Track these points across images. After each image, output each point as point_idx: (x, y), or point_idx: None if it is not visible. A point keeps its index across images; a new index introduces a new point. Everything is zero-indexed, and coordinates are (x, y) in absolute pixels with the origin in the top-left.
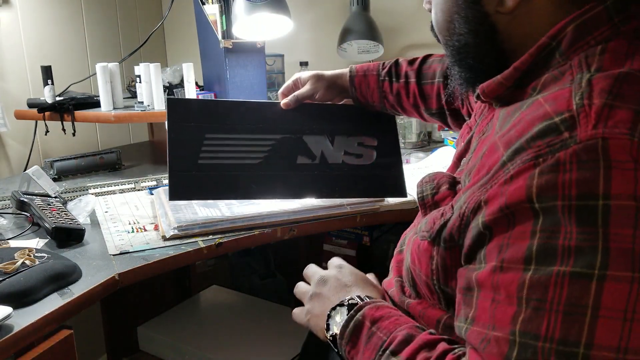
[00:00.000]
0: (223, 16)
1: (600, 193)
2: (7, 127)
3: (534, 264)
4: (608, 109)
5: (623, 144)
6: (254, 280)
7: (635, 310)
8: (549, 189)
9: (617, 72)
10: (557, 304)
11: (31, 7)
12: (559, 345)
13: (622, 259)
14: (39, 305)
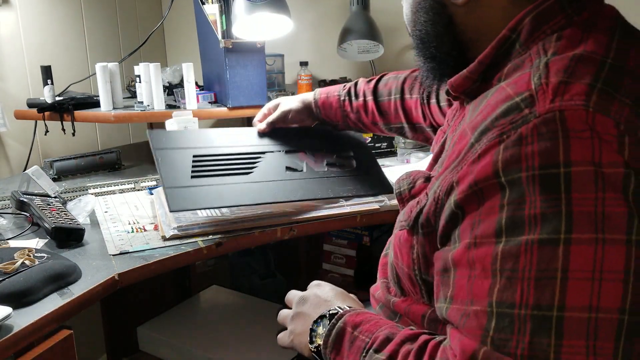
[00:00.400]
0: (223, 16)
1: (560, 161)
2: (7, 127)
3: (504, 236)
4: (564, 85)
5: (579, 114)
6: (254, 280)
7: (603, 270)
8: (513, 162)
9: (571, 54)
10: (529, 271)
11: (31, 7)
12: (533, 310)
13: (586, 221)
14: (39, 305)
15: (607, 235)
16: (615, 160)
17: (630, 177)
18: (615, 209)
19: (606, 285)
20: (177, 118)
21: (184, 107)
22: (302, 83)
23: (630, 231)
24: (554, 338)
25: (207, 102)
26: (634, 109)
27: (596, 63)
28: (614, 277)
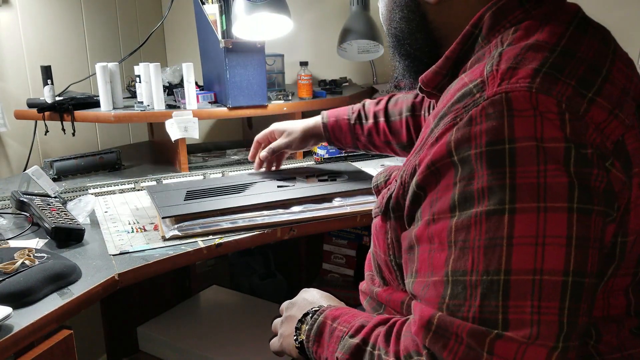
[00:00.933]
0: (223, 16)
1: (505, 137)
2: (7, 127)
3: (457, 211)
4: (512, 70)
5: (523, 94)
6: (254, 280)
7: (546, 235)
8: (463, 141)
9: (524, 44)
10: (479, 240)
11: (31, 7)
12: (482, 275)
13: (529, 192)
14: (39, 305)
15: (549, 203)
16: (556, 136)
17: (570, 150)
18: (557, 179)
19: (549, 249)
20: (177, 118)
21: (184, 107)
22: (302, 83)
23: (572, 199)
24: (502, 300)
25: (207, 102)
26: (577, 89)
27: (545, 50)
28: (557, 242)
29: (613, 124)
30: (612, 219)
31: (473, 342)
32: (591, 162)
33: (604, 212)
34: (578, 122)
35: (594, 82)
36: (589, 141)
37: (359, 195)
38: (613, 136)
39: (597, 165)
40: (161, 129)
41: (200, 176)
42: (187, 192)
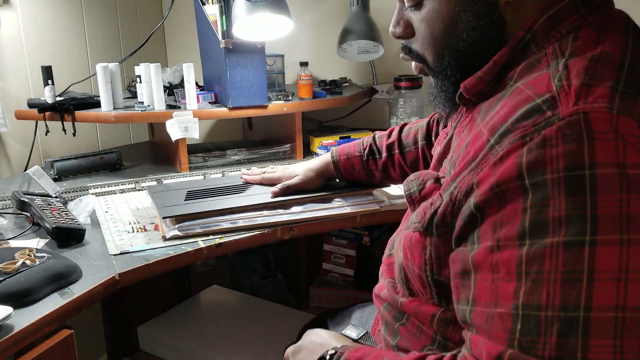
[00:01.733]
0: (223, 16)
1: (586, 163)
2: (8, 127)
3: (528, 239)
4: (586, 87)
5: (603, 116)
6: (254, 280)
7: (628, 270)
8: (538, 164)
9: (590, 55)
10: (555, 273)
11: (31, 7)
12: (559, 311)
13: (611, 223)
14: (40, 305)
15: (632, 235)
16: (638, 162)
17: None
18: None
19: (632, 285)
20: (178, 118)
21: (184, 107)
22: (302, 83)
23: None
24: (582, 338)
25: (207, 103)
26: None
27: (615, 65)
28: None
29: None
30: None
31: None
32: None
33: None
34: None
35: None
36: None
37: (359, 196)
38: None
39: None
40: (162, 129)
41: (201, 176)
42: (188, 192)
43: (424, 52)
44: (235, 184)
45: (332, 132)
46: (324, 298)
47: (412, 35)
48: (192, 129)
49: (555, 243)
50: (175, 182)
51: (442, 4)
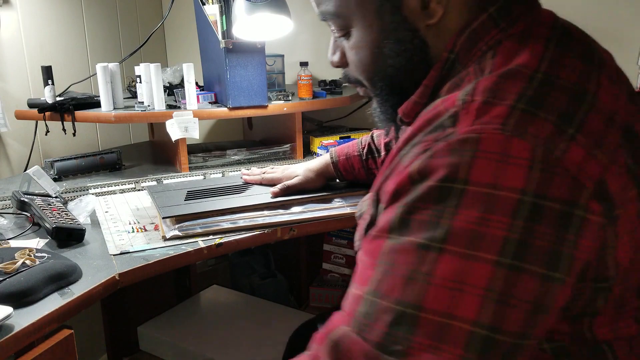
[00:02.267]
0: (223, 16)
1: (460, 178)
2: (8, 127)
3: (394, 233)
4: (486, 105)
5: (494, 137)
6: (254, 280)
7: (464, 282)
8: (423, 171)
9: (501, 71)
10: (401, 269)
11: (31, 7)
12: (395, 304)
13: (462, 236)
14: (40, 305)
15: (479, 253)
16: (514, 186)
17: (524, 203)
18: (495, 231)
19: (465, 297)
20: (178, 118)
21: (184, 107)
22: (302, 83)
23: (504, 254)
24: (407, 332)
25: (208, 103)
26: (557, 125)
27: (525, 78)
28: (475, 292)
29: (592, 164)
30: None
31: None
32: (541, 217)
33: (542, 275)
34: (547, 171)
35: (576, 113)
36: (552, 194)
37: (359, 196)
38: (594, 176)
39: (548, 222)
40: (161, 129)
41: (201, 176)
42: (188, 192)
43: (359, 79)
44: (235, 184)
45: (332, 132)
46: (324, 298)
47: (347, 63)
48: (192, 129)
49: (410, 242)
50: (175, 182)
51: (366, 32)
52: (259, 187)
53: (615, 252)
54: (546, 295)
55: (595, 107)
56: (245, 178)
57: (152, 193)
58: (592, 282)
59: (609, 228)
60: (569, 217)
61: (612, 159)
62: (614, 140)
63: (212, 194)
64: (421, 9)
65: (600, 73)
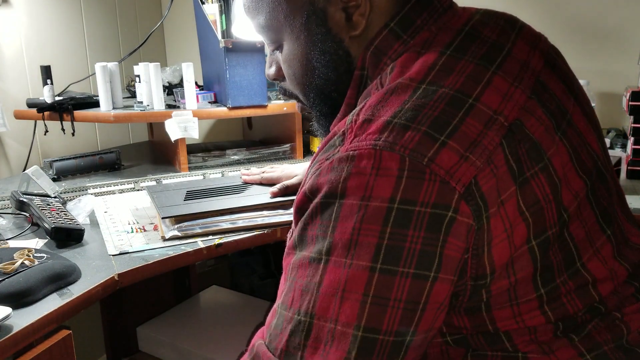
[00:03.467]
0: (223, 16)
1: (338, 193)
2: (7, 127)
3: (296, 250)
4: (366, 123)
5: (367, 153)
6: (254, 280)
7: (345, 289)
8: (312, 190)
9: (388, 87)
10: (299, 282)
11: (31, 7)
12: (295, 314)
13: (342, 247)
14: (38, 305)
15: (355, 260)
16: (382, 196)
17: (392, 210)
18: (367, 238)
19: (346, 302)
20: (177, 118)
21: (183, 107)
22: None
23: (376, 260)
24: (303, 339)
25: (207, 102)
26: (428, 133)
27: (408, 92)
28: (353, 297)
29: (463, 167)
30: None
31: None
32: (409, 221)
33: (413, 274)
34: (415, 178)
35: (450, 121)
36: (421, 198)
37: None
38: (464, 179)
39: (416, 225)
40: (161, 129)
41: (200, 176)
42: (187, 192)
43: (294, 92)
44: (235, 184)
45: None
46: None
47: (284, 77)
48: (192, 129)
49: (305, 257)
50: (174, 182)
51: (295, 44)
52: (258, 187)
53: (489, 251)
54: (421, 293)
55: (474, 110)
56: (245, 178)
57: (151, 193)
58: (471, 280)
59: (480, 228)
60: (437, 218)
61: (488, 159)
62: (493, 140)
63: (212, 194)
64: (345, 21)
65: (495, 72)
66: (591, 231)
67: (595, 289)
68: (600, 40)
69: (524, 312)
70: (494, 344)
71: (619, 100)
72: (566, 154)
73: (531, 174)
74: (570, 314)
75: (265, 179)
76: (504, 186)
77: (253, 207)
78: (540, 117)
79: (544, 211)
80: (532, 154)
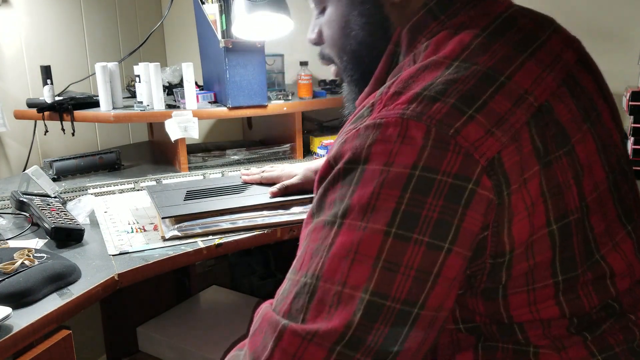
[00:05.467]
0: (223, 16)
1: (361, 159)
2: (7, 127)
3: (315, 217)
4: (397, 95)
5: (394, 121)
6: (254, 280)
7: (358, 252)
8: (337, 157)
9: (422, 63)
10: (311, 245)
11: (31, 7)
12: (302, 277)
13: (359, 211)
14: (38, 305)
15: (370, 224)
16: (405, 162)
17: (413, 177)
18: (385, 203)
19: (356, 265)
20: (177, 118)
21: (183, 107)
22: (302, 83)
23: (392, 224)
24: (307, 301)
25: (207, 102)
26: (456, 106)
27: (441, 68)
28: (364, 260)
29: (489, 142)
30: (448, 249)
31: (269, 330)
32: (430, 189)
33: (427, 243)
34: (439, 148)
35: (480, 96)
36: (443, 168)
37: None
38: (489, 153)
39: (436, 193)
40: (161, 129)
41: (200, 176)
42: (187, 192)
43: (330, 55)
44: (234, 184)
45: (332, 132)
46: None
47: (323, 40)
48: (192, 129)
49: (320, 221)
50: (174, 182)
51: (336, 6)
52: (258, 187)
53: (510, 228)
54: (433, 263)
55: (505, 88)
56: (245, 178)
57: (151, 193)
58: (490, 258)
59: (501, 204)
60: (458, 189)
61: (514, 137)
62: (520, 119)
63: (212, 194)
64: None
65: (528, 58)
66: (611, 225)
67: (613, 283)
68: (600, 40)
69: (539, 301)
70: (506, 335)
71: (619, 100)
72: (593, 144)
73: (555, 157)
74: (586, 311)
75: (265, 178)
76: (527, 165)
77: (253, 207)
78: (569, 105)
79: (565, 196)
80: (558, 138)
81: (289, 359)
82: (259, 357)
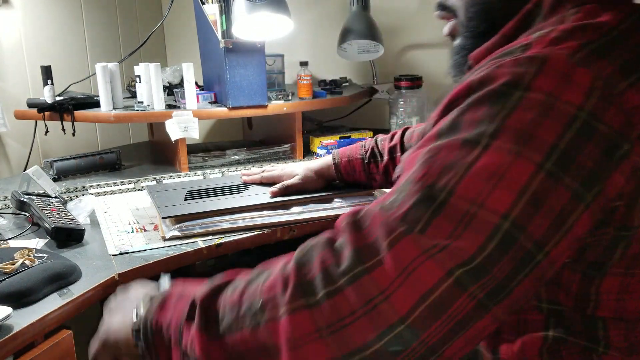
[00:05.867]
0: (223, 16)
1: (523, 84)
2: (7, 127)
3: (441, 138)
4: (558, 39)
5: (562, 58)
6: None
7: (503, 176)
8: (485, 80)
9: (579, 23)
10: (441, 159)
11: (31, 7)
12: (426, 188)
13: (512, 134)
14: (39, 305)
15: (525, 151)
16: (573, 101)
17: (578, 118)
18: (546, 135)
19: (499, 189)
20: (177, 118)
21: (184, 107)
22: (302, 83)
23: (547, 159)
24: (430, 213)
25: (207, 102)
26: (620, 70)
27: (601, 30)
28: (511, 187)
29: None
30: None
31: (382, 232)
32: (591, 136)
33: (574, 190)
34: (606, 99)
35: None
36: (607, 120)
37: (359, 196)
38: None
39: (596, 142)
40: (161, 129)
41: (200, 176)
42: (187, 192)
43: (456, 5)
44: (235, 184)
45: (332, 132)
46: None
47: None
48: (192, 129)
49: (456, 139)
50: (174, 182)
51: None
52: (258, 187)
53: None
54: (571, 212)
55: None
56: (245, 179)
57: (151, 193)
58: (615, 230)
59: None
60: (615, 145)
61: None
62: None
63: (212, 194)
64: None
65: None
66: None
67: None
68: None
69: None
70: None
71: None
72: None
73: None
74: None
75: (265, 177)
76: None
77: (253, 207)
78: None
79: None
80: None
81: (398, 270)
82: (368, 260)
